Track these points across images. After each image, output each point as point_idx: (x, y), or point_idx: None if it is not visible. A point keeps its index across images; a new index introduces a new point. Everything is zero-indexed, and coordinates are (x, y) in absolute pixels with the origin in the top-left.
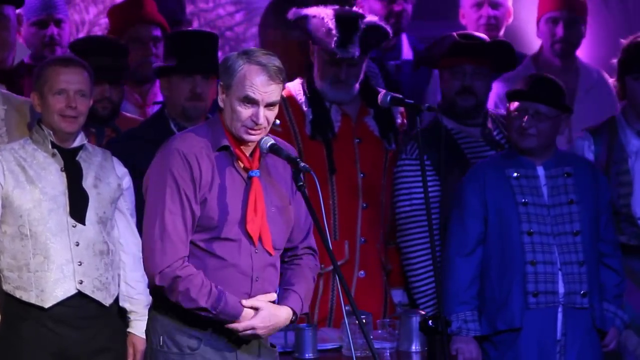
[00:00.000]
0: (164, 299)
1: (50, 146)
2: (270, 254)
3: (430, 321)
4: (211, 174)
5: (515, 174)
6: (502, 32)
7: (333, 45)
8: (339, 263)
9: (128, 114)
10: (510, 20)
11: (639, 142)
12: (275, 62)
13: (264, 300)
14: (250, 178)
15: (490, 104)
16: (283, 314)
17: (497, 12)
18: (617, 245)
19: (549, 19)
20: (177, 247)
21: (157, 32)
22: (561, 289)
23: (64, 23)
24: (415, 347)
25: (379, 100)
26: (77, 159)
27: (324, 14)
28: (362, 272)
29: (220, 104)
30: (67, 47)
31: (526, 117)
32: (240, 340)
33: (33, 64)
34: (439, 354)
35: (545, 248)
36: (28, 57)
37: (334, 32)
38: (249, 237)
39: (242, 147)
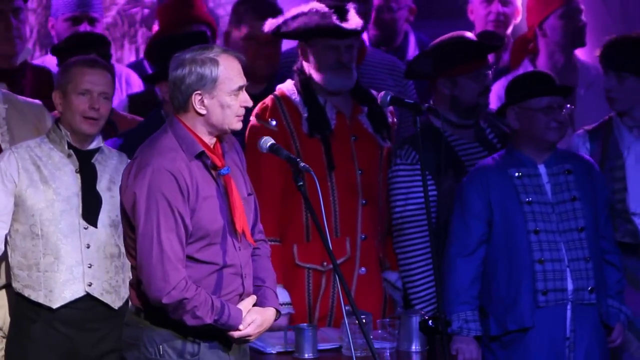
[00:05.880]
0: (158, 311)
1: (66, 147)
2: (250, 246)
3: (430, 321)
4: (196, 185)
5: (517, 174)
6: (509, 30)
7: (335, 21)
8: (340, 260)
9: (125, 114)
10: (519, 19)
11: (631, 137)
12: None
13: (255, 309)
14: (220, 176)
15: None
16: (270, 316)
17: (506, 9)
18: (616, 241)
19: (562, 14)
20: (178, 267)
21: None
22: (570, 285)
23: (97, 22)
24: (415, 347)
25: (379, 100)
26: (92, 161)
27: (309, 8)
28: (363, 268)
29: (203, 111)
30: (50, 52)
31: (555, 111)
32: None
33: (37, 64)
34: (439, 354)
35: (552, 246)
36: (37, 58)
37: (328, 12)
38: (234, 235)
39: (211, 147)
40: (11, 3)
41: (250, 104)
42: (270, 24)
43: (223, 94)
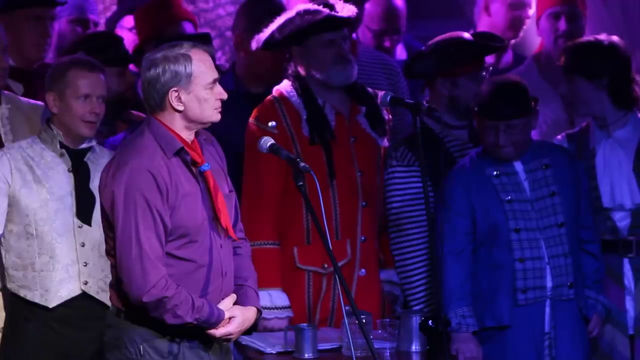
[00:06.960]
0: (138, 311)
1: (58, 146)
2: (232, 244)
3: (430, 321)
4: (175, 183)
5: (495, 172)
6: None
7: (328, 12)
8: (341, 263)
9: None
10: None
11: (601, 135)
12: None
13: (236, 307)
14: (202, 172)
15: None
16: (252, 316)
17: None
18: (596, 230)
19: (550, 14)
20: (157, 265)
21: (190, 28)
22: (549, 282)
23: (97, 27)
24: (415, 347)
25: (379, 100)
26: (85, 159)
27: (294, 12)
28: (363, 270)
29: (180, 107)
30: (70, 48)
31: (500, 134)
32: (210, 338)
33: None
34: (439, 354)
35: (532, 244)
36: (52, 58)
37: (317, 9)
38: (216, 232)
39: (189, 144)
40: (51, 11)
41: (225, 96)
42: (257, 39)
43: (199, 88)
